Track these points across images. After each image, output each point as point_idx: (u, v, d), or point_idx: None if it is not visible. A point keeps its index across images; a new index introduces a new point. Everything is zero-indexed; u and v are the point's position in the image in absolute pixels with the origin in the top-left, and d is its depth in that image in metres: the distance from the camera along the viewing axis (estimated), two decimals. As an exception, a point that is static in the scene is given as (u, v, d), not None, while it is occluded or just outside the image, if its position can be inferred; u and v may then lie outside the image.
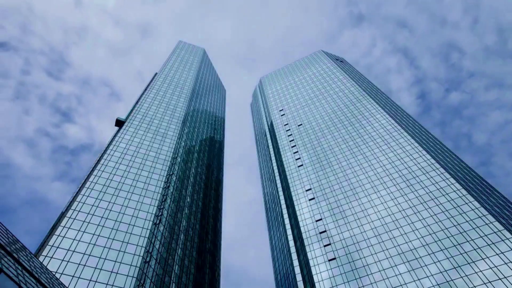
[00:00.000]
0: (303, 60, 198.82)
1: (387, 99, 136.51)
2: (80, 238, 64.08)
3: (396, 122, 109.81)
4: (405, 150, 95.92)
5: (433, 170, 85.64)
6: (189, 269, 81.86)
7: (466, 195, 75.66)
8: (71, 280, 55.85)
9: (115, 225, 69.74)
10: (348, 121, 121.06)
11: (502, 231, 65.40)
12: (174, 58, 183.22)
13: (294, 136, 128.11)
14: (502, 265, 60.20)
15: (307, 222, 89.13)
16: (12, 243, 32.12)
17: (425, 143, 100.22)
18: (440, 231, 71.03)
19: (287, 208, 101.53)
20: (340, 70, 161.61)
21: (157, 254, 70.45)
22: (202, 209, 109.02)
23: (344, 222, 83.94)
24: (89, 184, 77.41)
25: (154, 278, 65.42)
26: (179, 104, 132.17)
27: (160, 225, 76.39)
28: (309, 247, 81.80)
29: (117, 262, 62.23)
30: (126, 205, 75.64)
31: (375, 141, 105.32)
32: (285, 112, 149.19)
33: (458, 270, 62.89)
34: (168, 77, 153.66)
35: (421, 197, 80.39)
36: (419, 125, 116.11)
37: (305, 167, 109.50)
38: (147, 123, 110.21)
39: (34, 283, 28.30)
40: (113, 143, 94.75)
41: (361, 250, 75.57)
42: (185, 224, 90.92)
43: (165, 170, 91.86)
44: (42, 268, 36.83)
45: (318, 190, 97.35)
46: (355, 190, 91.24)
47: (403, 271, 67.40)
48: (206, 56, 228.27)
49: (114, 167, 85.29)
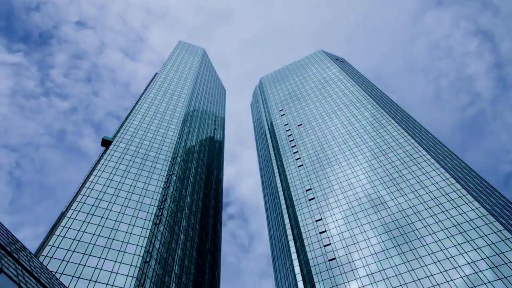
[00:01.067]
0: (303, 60, 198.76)
1: (387, 98, 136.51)
2: (80, 238, 64.09)
3: (396, 122, 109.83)
4: (405, 150, 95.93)
5: (433, 170, 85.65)
6: (189, 269, 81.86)
7: (466, 195, 75.66)
8: (71, 280, 55.86)
9: (115, 225, 69.74)
10: (348, 121, 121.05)
11: (502, 231, 65.41)
12: (174, 58, 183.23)
13: (294, 136, 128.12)
14: (502, 265, 60.20)
15: (307, 222, 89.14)
16: (12, 243, 32.13)
17: (425, 143, 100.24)
18: (440, 231, 71.02)
19: (287, 208, 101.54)
20: (340, 70, 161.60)
21: (157, 254, 70.46)
22: (202, 209, 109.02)
23: (344, 222, 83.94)
24: (89, 184, 77.42)
25: (154, 278, 65.43)
26: (179, 104, 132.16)
27: (160, 225, 76.40)
28: (309, 247, 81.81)
29: (117, 262, 62.24)
30: (126, 205, 75.64)
31: (375, 141, 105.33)
32: (285, 112, 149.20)
33: (458, 270, 62.89)
34: (168, 77, 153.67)
35: (421, 197, 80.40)
36: (419, 125, 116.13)
37: (305, 167, 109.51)
38: (147, 123, 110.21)
39: (34, 283, 28.31)
40: (113, 142, 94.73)
41: (361, 250, 75.57)
42: (185, 224, 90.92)
43: (165, 170, 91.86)
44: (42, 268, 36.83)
45: (318, 190, 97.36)
46: (355, 190, 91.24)
47: (403, 271, 67.38)
48: (206, 56, 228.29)
49: (114, 167, 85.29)
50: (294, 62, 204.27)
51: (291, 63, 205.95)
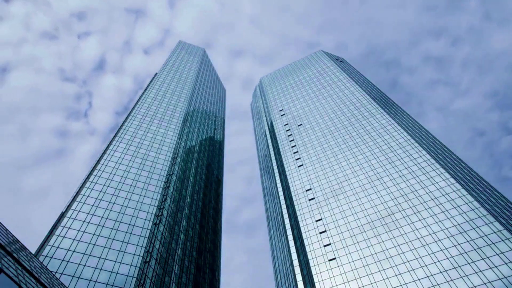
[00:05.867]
0: (303, 60, 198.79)
1: (387, 98, 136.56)
2: (80, 238, 64.10)
3: (396, 122, 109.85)
4: (405, 150, 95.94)
5: (433, 170, 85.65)
6: (189, 269, 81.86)
7: (466, 195, 75.66)
8: (71, 280, 55.87)
9: (115, 225, 69.76)
10: (348, 121, 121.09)
11: (502, 231, 65.41)
12: (174, 58, 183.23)
13: (294, 136, 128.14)
14: (502, 265, 60.21)
15: (307, 222, 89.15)
16: (12, 243, 32.13)
17: (425, 143, 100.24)
18: (440, 231, 71.03)
19: (287, 208, 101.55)
20: (340, 70, 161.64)
21: (157, 254, 70.46)
22: (202, 209, 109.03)
23: (344, 222, 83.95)
24: (89, 184, 77.43)
25: (154, 278, 65.44)
26: (179, 104, 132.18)
27: (160, 225, 76.40)
28: (309, 247, 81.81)
29: (117, 262, 62.26)
30: (126, 205, 75.65)
31: (375, 141, 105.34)
32: (285, 112, 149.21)
33: (458, 270, 62.90)
34: (168, 77, 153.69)
35: (421, 197, 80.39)
36: (419, 125, 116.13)
37: (305, 167, 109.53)
38: (147, 123, 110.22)
39: (34, 283, 28.31)
40: (113, 143, 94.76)
41: (361, 250, 75.57)
42: (185, 224, 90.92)
43: (165, 170, 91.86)
44: (42, 268, 36.83)
45: (318, 190, 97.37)
46: (355, 190, 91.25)
47: (403, 271, 67.40)
48: (206, 56, 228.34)
49: (114, 167, 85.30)
50: (294, 62, 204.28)
51: (291, 63, 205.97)
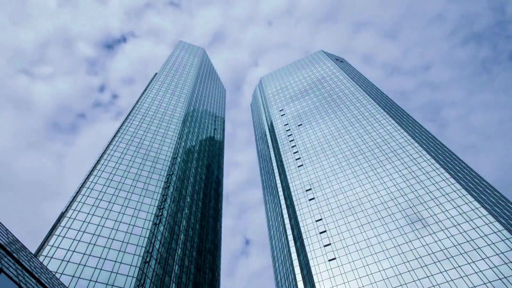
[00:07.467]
0: (303, 60, 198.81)
1: (387, 99, 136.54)
2: (80, 238, 64.10)
3: (396, 122, 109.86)
4: (405, 150, 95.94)
5: (433, 170, 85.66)
6: (189, 269, 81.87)
7: (466, 195, 75.67)
8: (71, 280, 55.87)
9: (115, 225, 69.77)
10: (348, 121, 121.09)
11: (502, 231, 65.43)
12: (174, 58, 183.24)
13: (294, 136, 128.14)
14: (502, 265, 60.22)
15: (307, 222, 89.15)
16: (12, 243, 32.13)
17: (425, 143, 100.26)
18: (440, 231, 71.03)
19: (287, 208, 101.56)
20: (340, 70, 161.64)
21: (157, 254, 70.47)
22: (202, 209, 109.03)
23: (344, 222, 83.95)
24: (89, 184, 77.44)
25: (154, 278, 65.44)
26: (179, 104, 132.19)
27: (160, 225, 76.41)
28: (309, 247, 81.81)
29: (117, 262, 62.26)
30: (126, 205, 75.67)
31: (375, 141, 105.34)
32: (285, 112, 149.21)
33: (458, 270, 62.91)
34: (168, 77, 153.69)
35: (421, 197, 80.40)
36: (419, 125, 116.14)
37: (305, 167, 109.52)
38: (147, 123, 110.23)
39: (34, 283, 28.31)
40: (113, 143, 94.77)
41: (361, 250, 75.57)
42: (185, 224, 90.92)
43: (165, 170, 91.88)
44: (42, 268, 36.82)
45: (318, 190, 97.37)
46: (355, 190, 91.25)
47: (403, 271, 67.40)
48: (206, 56, 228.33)
49: (114, 167, 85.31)
50: (294, 62, 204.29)
51: (291, 63, 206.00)
